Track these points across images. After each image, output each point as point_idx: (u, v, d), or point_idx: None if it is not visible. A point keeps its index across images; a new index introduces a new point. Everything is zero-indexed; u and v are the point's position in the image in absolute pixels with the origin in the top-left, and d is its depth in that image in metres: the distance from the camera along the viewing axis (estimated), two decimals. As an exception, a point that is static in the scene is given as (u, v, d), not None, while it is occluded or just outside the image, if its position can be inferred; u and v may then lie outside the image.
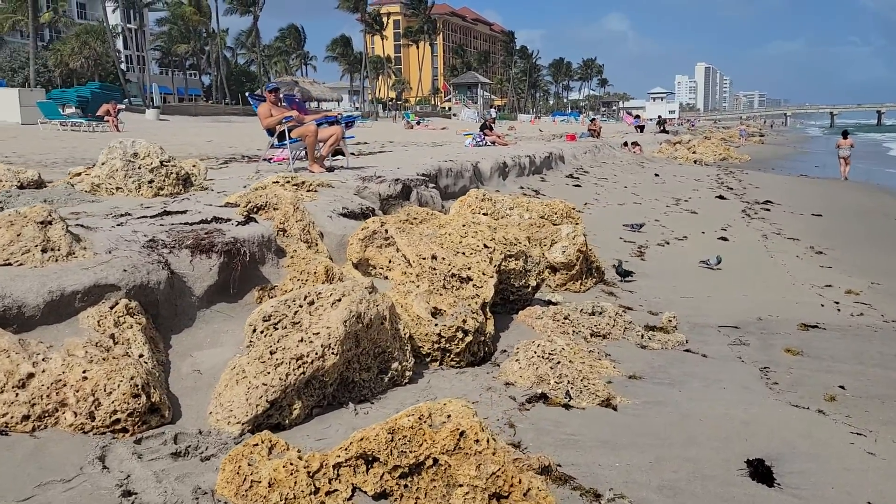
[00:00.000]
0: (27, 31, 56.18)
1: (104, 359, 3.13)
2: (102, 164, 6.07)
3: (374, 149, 16.36)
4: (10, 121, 29.05)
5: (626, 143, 28.66)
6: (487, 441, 2.85)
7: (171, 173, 6.15)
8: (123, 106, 26.78)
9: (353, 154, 13.59)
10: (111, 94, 30.26)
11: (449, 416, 2.98)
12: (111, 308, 3.49)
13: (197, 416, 3.37)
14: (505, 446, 2.99)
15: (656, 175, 19.99)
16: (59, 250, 3.66)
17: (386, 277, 5.08)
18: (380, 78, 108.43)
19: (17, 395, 2.98)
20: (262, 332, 3.70)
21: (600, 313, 5.58)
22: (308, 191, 6.08)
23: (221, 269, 4.26)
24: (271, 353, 3.49)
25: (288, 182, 6.01)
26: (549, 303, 6.31)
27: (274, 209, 5.19)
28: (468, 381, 4.33)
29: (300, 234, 5.03)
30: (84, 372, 3.07)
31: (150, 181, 6.02)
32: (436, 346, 4.52)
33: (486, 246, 5.51)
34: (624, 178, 18.59)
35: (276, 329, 3.69)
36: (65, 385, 3.05)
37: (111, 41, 59.88)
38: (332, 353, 3.57)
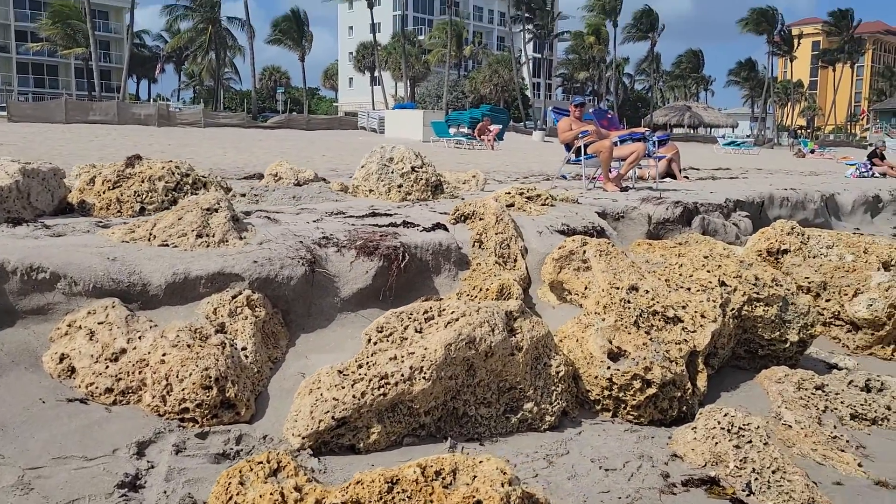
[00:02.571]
0: (451, 63, 63.85)
1: (188, 345, 3.12)
2: (362, 167, 6.35)
3: (721, 175, 14.86)
4: (413, 138, 33.27)
5: None
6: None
7: (421, 179, 6.17)
8: (499, 127, 28.56)
9: (686, 178, 12.49)
10: (499, 117, 32.66)
11: (474, 478, 2.32)
12: (233, 297, 3.50)
13: (277, 420, 3.18)
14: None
15: None
16: (212, 237, 3.81)
17: (581, 305, 4.36)
18: (788, 103, 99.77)
19: (107, 367, 3.12)
20: (375, 342, 3.38)
21: (879, 390, 4.08)
22: (543, 204, 5.57)
23: (379, 273, 4.05)
24: (359, 366, 3.15)
25: (521, 194, 5.58)
26: (832, 366, 4.87)
27: (479, 219, 4.83)
28: (628, 441, 3.46)
29: (495, 248, 4.58)
30: (163, 355, 3.09)
31: (400, 185, 6.12)
32: (606, 392, 3.71)
33: (722, 283, 4.42)
34: None
35: (385, 342, 3.34)
36: (147, 365, 3.10)
37: (516, 69, 64.88)
38: (423, 377, 3.09)
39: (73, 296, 3.33)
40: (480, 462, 2.40)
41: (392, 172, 6.17)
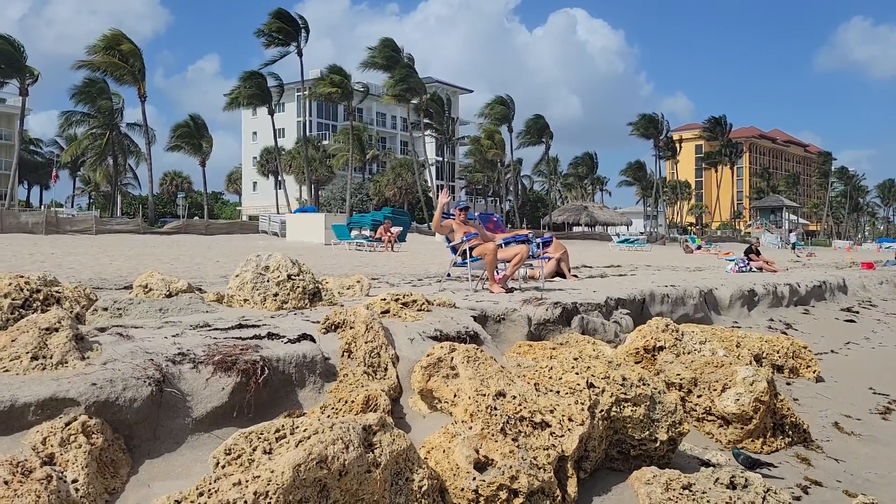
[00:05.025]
0: (356, 166, 64.86)
1: (6, 482, 2.84)
2: (237, 276, 6.20)
3: (609, 272, 15.40)
4: (315, 241, 33.22)
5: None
6: None
7: (298, 287, 6.06)
8: (400, 228, 28.95)
9: (575, 276, 12.87)
10: (400, 219, 33.12)
11: None
12: (66, 424, 3.25)
13: (109, 561, 2.90)
14: None
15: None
16: (50, 358, 3.56)
17: (451, 413, 4.29)
18: (678, 202, 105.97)
19: None
20: (222, 466, 3.17)
21: (743, 486, 4.13)
22: (419, 310, 5.56)
23: (236, 390, 3.87)
24: (199, 494, 2.94)
25: (396, 300, 5.56)
26: (704, 463, 4.93)
27: (350, 328, 4.75)
28: (495, 561, 3.33)
29: (364, 357, 4.49)
30: (-24, 494, 2.80)
31: (276, 294, 5.98)
32: (473, 507, 3.59)
33: (591, 385, 4.47)
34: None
35: (233, 465, 3.14)
36: (-43, 506, 2.80)
37: (419, 172, 66.52)
38: (268, 503, 2.91)
39: None
40: None
41: (268, 281, 6.05)
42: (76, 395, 3.34)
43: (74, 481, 3.08)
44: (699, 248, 43.14)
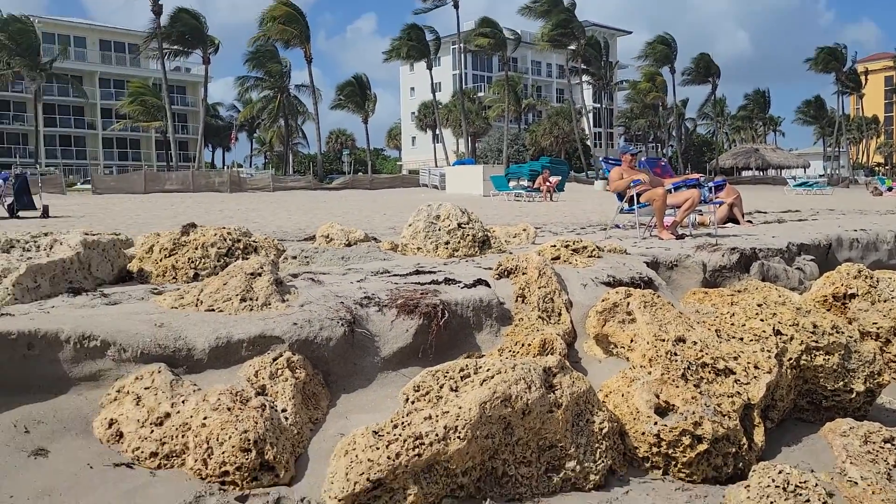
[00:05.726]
0: (511, 117, 64.62)
1: (228, 408, 3.19)
2: (409, 225, 6.44)
3: (789, 217, 14.43)
4: (473, 193, 33.63)
5: None
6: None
7: (468, 235, 6.21)
8: (558, 178, 28.58)
9: (749, 222, 12.18)
10: (559, 169, 32.71)
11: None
12: (273, 360, 3.57)
13: (316, 482, 3.18)
14: None
15: None
16: (256, 300, 3.91)
17: (627, 358, 4.27)
18: (863, 140, 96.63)
19: (152, 431, 3.20)
20: (411, 402, 3.38)
21: (957, 442, 3.81)
22: (589, 256, 5.52)
23: (419, 332, 4.06)
24: (394, 426, 3.14)
25: (566, 246, 5.54)
26: (905, 418, 4.59)
27: (522, 273, 4.81)
28: (678, 501, 3.35)
29: (537, 302, 4.55)
30: (205, 419, 3.16)
31: (447, 242, 6.17)
32: (654, 449, 3.59)
33: (777, 332, 4.27)
34: None
35: (421, 401, 3.33)
36: (189, 429, 3.17)
37: (576, 120, 65.11)
38: (458, 437, 3.06)
39: (122, 362, 3.45)
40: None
41: (439, 230, 6.24)
42: (280, 333, 3.65)
43: (283, 410, 3.39)
44: (890, 189, 39.22)
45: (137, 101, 54.63)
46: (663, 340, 3.97)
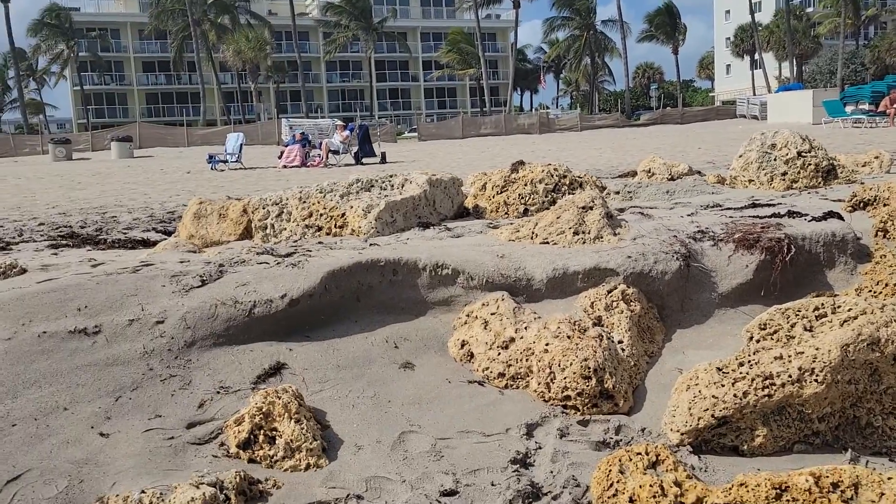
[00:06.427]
0: (847, 32, 56.71)
1: (568, 336, 3.31)
2: (740, 156, 6.01)
3: None
4: (801, 121, 30.32)
5: None
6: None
7: (809, 164, 5.63)
8: (912, 98, 24.39)
9: None
10: (911, 87, 28.02)
11: (881, 496, 2.08)
12: (608, 292, 3.61)
13: (654, 414, 3.20)
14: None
15: None
16: (588, 233, 3.96)
17: None
18: None
19: (499, 354, 3.45)
20: (757, 340, 3.20)
21: None
22: (971, 184, 4.66)
23: (761, 268, 3.81)
24: (740, 364, 3.01)
25: (939, 173, 4.74)
26: None
27: (884, 205, 4.25)
28: None
29: (905, 237, 3.99)
30: (546, 345, 3.32)
31: (784, 173, 5.66)
32: None
33: None
34: None
35: (769, 340, 3.14)
36: (532, 354, 3.36)
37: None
38: (815, 380, 2.84)
39: (470, 289, 3.76)
40: (889, 478, 2.13)
41: (775, 159, 5.74)
42: (615, 265, 3.68)
43: (620, 342, 3.43)
44: None
45: (454, 49, 58.00)
46: None
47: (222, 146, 21.29)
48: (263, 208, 4.94)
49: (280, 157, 19.49)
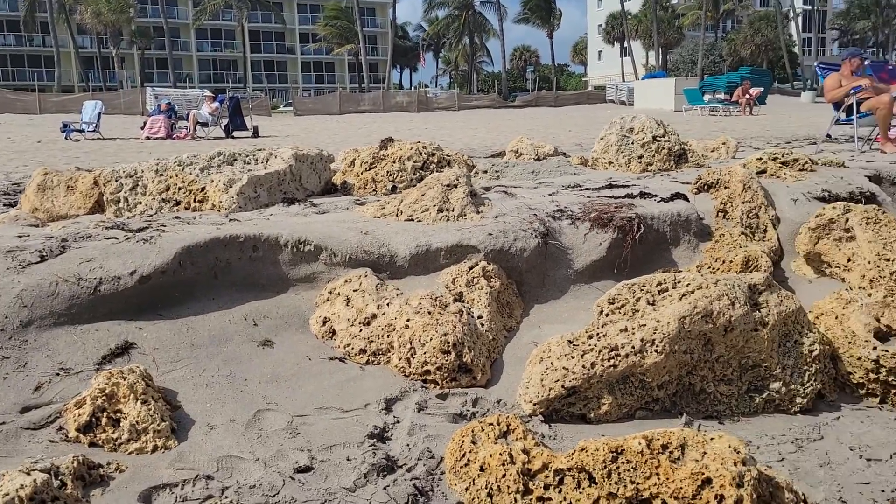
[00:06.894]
0: (707, 24, 60.08)
1: (429, 312, 3.35)
2: (601, 139, 6.27)
3: None
4: (665, 108, 31.97)
5: None
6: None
7: (663, 148, 5.94)
8: (760, 90, 26.31)
9: None
10: (760, 79, 30.16)
11: (704, 454, 2.24)
12: (470, 268, 3.68)
13: (511, 386, 3.30)
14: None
15: None
16: (452, 211, 4.02)
17: (843, 279, 3.95)
18: None
19: (360, 330, 3.45)
20: (606, 314, 3.36)
21: None
22: (800, 170, 5.09)
23: (613, 246, 4.00)
24: (589, 337, 3.16)
25: (774, 159, 5.14)
26: None
27: (724, 187, 4.55)
28: (896, 430, 3.09)
29: (741, 217, 4.29)
30: (408, 321, 3.35)
31: (640, 156, 5.95)
32: (872, 376, 3.35)
33: None
34: None
35: (616, 314, 3.30)
36: (394, 329, 3.38)
37: (781, 25, 59.32)
38: (655, 350, 3.02)
39: (333, 266, 3.72)
40: (712, 439, 2.31)
41: (632, 143, 6.02)
42: (476, 242, 3.75)
43: (480, 317, 3.51)
44: None
45: (331, 23, 56.91)
46: (888, 260, 3.62)
47: (79, 115, 19.94)
48: (116, 181, 4.67)
49: (143, 128, 18.50)
